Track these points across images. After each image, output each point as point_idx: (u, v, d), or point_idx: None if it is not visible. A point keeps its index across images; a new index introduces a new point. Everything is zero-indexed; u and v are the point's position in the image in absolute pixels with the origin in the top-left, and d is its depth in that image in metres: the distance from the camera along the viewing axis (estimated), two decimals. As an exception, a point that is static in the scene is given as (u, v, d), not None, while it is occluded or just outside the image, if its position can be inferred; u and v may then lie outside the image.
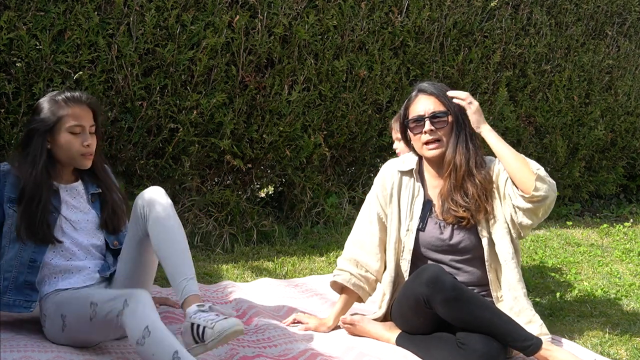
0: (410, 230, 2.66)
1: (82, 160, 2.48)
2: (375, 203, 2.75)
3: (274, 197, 4.67)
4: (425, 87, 2.66)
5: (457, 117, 2.61)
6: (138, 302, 2.15)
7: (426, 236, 2.64)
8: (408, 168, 2.71)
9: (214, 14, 3.84)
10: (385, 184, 2.73)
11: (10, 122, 3.37)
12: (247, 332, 2.63)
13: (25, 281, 2.41)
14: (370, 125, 4.58)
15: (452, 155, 2.59)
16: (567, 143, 5.48)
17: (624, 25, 5.72)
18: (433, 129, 2.58)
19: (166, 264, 2.36)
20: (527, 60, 5.17)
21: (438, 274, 2.40)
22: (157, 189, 2.47)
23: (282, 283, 3.36)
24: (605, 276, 3.77)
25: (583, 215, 5.57)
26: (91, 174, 2.57)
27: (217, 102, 3.89)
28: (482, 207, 2.57)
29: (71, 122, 2.43)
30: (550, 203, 2.52)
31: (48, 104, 2.45)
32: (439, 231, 2.63)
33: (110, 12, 3.56)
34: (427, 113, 2.60)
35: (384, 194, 2.73)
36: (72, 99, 2.45)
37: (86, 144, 2.45)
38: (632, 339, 2.84)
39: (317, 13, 4.22)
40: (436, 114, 2.59)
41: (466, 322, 2.38)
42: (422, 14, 4.59)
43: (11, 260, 2.41)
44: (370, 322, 2.69)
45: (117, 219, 2.58)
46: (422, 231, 2.64)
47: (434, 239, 2.63)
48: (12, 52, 3.33)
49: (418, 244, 2.65)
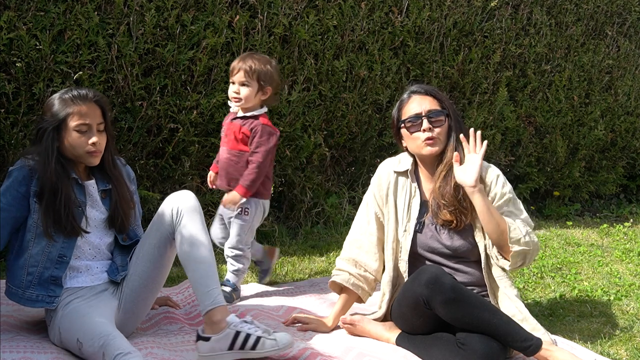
0: (408, 231, 2.66)
1: (89, 157, 2.48)
2: (373, 203, 2.75)
3: (274, 197, 4.67)
4: (418, 88, 2.69)
5: (452, 118, 2.64)
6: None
7: (423, 238, 2.65)
8: (404, 169, 2.71)
9: (214, 14, 3.84)
10: (381, 184, 2.74)
11: (10, 122, 3.37)
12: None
13: (51, 276, 2.41)
14: (370, 125, 4.58)
15: (449, 154, 2.61)
16: (567, 143, 5.48)
17: (624, 25, 5.72)
18: (431, 127, 2.59)
19: (193, 269, 2.40)
20: (527, 60, 5.17)
21: (438, 275, 2.40)
22: (189, 193, 2.51)
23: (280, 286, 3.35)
24: (605, 276, 3.77)
25: (583, 215, 5.57)
26: (101, 171, 2.57)
27: (217, 102, 3.88)
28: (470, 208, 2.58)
29: (77, 121, 2.43)
30: (529, 262, 2.59)
31: (56, 102, 2.46)
32: (436, 233, 2.64)
33: (110, 12, 3.55)
34: (424, 111, 2.61)
35: (380, 194, 2.73)
36: (78, 97, 2.46)
37: (92, 142, 2.45)
38: (632, 339, 2.84)
39: (317, 13, 4.22)
40: (433, 112, 2.61)
41: (466, 323, 2.38)
42: (422, 14, 4.59)
43: (37, 255, 2.40)
44: (370, 322, 2.69)
45: (125, 215, 2.58)
46: (419, 233, 2.65)
47: (431, 241, 2.64)
48: (12, 52, 3.33)
49: (415, 245, 2.66)
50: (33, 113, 3.41)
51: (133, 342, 2.47)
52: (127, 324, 2.51)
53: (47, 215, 2.39)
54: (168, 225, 2.46)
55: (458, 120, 2.66)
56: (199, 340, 2.36)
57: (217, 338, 2.31)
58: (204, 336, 2.34)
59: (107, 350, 2.16)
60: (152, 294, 2.58)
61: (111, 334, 2.22)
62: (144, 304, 2.56)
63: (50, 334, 2.45)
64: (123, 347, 2.17)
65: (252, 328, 2.32)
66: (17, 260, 2.41)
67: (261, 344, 2.28)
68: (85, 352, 2.27)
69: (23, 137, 3.39)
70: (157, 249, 2.49)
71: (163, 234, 2.48)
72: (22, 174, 2.41)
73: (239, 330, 2.30)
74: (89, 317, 2.33)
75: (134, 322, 2.56)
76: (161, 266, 2.53)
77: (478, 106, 4.94)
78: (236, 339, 2.29)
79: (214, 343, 2.31)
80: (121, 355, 2.13)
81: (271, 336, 2.30)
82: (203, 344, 2.34)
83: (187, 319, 2.83)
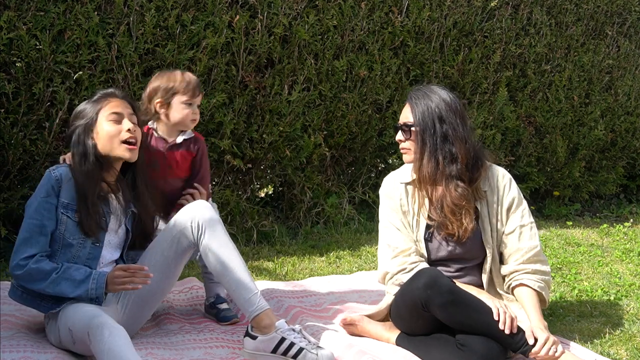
0: (419, 240, 2.65)
1: (126, 151, 2.44)
2: (392, 213, 2.67)
3: (273, 197, 4.67)
4: (409, 95, 2.70)
5: (425, 130, 2.59)
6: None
7: (434, 247, 2.65)
8: (409, 179, 2.69)
9: (214, 14, 3.84)
10: (392, 195, 2.69)
11: (10, 122, 3.37)
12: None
13: None
14: (370, 125, 4.58)
15: (418, 165, 2.61)
16: (567, 143, 5.47)
17: (624, 25, 5.72)
18: (402, 139, 2.68)
19: (228, 281, 2.45)
20: (527, 60, 5.17)
21: (435, 278, 2.39)
22: (205, 204, 2.53)
23: (280, 284, 3.35)
24: (605, 276, 3.77)
25: (583, 215, 5.57)
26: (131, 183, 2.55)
27: (217, 102, 3.89)
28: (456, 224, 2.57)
29: (108, 111, 2.44)
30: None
31: (86, 105, 2.48)
32: (445, 243, 2.64)
33: (110, 12, 3.55)
34: (401, 122, 2.69)
35: (394, 204, 2.68)
36: (107, 94, 2.50)
37: (127, 128, 2.44)
38: (632, 339, 2.84)
39: (317, 13, 4.22)
40: (405, 124, 2.66)
41: (464, 325, 2.38)
42: (422, 14, 4.59)
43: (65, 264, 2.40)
44: (370, 322, 2.69)
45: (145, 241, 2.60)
46: (429, 242, 2.64)
47: (442, 250, 2.64)
48: (12, 52, 3.33)
49: (429, 253, 2.65)
50: (33, 113, 3.41)
51: (133, 342, 2.47)
52: (130, 327, 2.51)
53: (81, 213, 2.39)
54: (187, 239, 2.48)
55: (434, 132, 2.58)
56: (246, 337, 2.44)
57: (263, 339, 2.39)
58: (252, 334, 2.42)
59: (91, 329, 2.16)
60: (158, 301, 2.61)
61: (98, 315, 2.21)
62: (149, 309, 2.58)
63: (49, 336, 2.44)
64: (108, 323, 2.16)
65: (297, 337, 2.39)
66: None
67: (302, 356, 2.35)
68: (77, 340, 2.28)
69: (23, 137, 3.39)
70: (174, 260, 2.51)
71: (180, 247, 2.49)
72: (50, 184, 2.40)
73: (285, 337, 2.38)
74: (81, 307, 2.33)
75: (137, 326, 2.58)
76: (173, 276, 2.57)
77: (478, 106, 4.94)
78: (280, 344, 2.37)
79: (259, 343, 2.39)
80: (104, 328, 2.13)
81: (314, 350, 2.36)
82: (249, 341, 2.42)
83: (187, 319, 2.83)
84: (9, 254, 3.46)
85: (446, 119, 2.59)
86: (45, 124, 3.43)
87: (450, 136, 2.57)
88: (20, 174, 3.48)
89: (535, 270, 2.58)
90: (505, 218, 2.64)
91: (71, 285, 2.33)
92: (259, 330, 2.41)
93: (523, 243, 2.61)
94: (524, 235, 2.62)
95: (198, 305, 3.01)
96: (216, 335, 2.64)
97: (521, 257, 2.59)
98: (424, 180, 2.60)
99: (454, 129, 2.58)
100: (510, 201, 2.64)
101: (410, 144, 2.65)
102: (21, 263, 2.33)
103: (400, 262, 2.59)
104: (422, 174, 2.60)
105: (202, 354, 2.47)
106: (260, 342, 2.39)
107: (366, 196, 4.68)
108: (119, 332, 2.14)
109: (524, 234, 2.62)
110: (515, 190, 2.67)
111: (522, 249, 2.60)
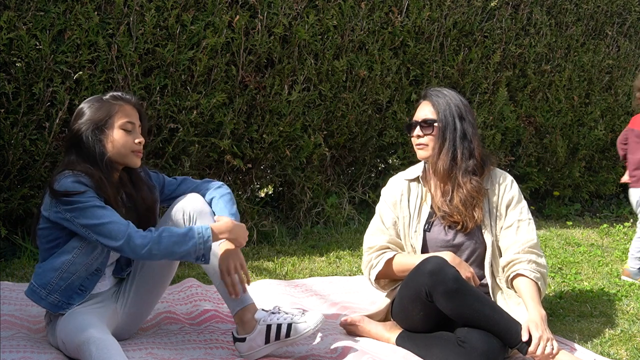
0: (418, 232, 2.73)
1: (134, 157, 2.45)
2: (387, 211, 2.80)
3: (273, 197, 4.67)
4: (428, 93, 2.78)
5: (447, 127, 2.69)
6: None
7: (432, 237, 2.71)
8: (414, 175, 2.82)
9: (214, 14, 3.84)
10: (393, 192, 2.81)
11: (10, 122, 3.37)
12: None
13: (81, 286, 2.38)
14: (370, 125, 4.58)
15: (435, 160, 2.70)
16: (567, 143, 5.48)
17: (624, 25, 5.72)
18: (421, 135, 2.72)
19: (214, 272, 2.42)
20: (527, 60, 5.17)
21: (441, 266, 2.43)
22: (197, 196, 2.51)
23: (281, 283, 3.35)
24: (605, 276, 3.77)
25: (583, 215, 5.57)
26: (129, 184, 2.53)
27: (217, 102, 3.89)
28: (468, 215, 2.66)
29: (124, 119, 2.41)
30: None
31: (94, 104, 2.41)
32: (444, 233, 2.70)
33: (110, 12, 3.55)
34: (419, 119, 2.74)
35: (393, 201, 2.79)
36: (120, 98, 2.45)
37: (138, 142, 2.43)
38: (632, 339, 2.84)
39: (317, 13, 4.22)
40: (426, 120, 2.72)
41: (466, 316, 2.39)
42: (422, 14, 4.59)
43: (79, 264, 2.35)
44: (371, 323, 2.70)
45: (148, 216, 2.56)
46: (428, 232, 2.71)
47: (439, 241, 2.70)
48: (12, 52, 3.33)
49: (426, 244, 2.71)
50: (33, 113, 3.41)
51: (133, 342, 2.48)
52: (130, 327, 2.51)
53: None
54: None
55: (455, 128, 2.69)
56: (236, 343, 2.42)
57: (252, 337, 2.38)
58: (239, 337, 2.40)
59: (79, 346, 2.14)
60: (157, 297, 2.59)
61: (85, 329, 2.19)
62: (148, 307, 2.57)
63: (49, 337, 2.44)
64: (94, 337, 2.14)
65: (280, 317, 2.37)
66: (54, 261, 2.35)
67: (294, 330, 2.34)
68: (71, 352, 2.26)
69: (23, 137, 3.39)
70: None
71: None
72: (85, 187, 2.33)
73: (270, 324, 2.36)
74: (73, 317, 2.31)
75: (136, 325, 2.56)
76: (170, 270, 2.54)
77: (478, 106, 4.94)
78: (269, 332, 2.36)
79: (250, 342, 2.38)
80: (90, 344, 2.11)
81: (301, 319, 2.35)
82: (240, 344, 2.40)
83: (188, 319, 2.83)
84: (9, 254, 3.49)
85: (465, 118, 2.71)
86: (45, 124, 3.43)
87: (469, 134, 2.70)
88: (20, 174, 3.48)
89: (530, 260, 2.62)
90: (504, 214, 2.72)
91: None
92: (243, 328, 2.39)
93: (520, 236, 2.68)
94: (521, 229, 2.69)
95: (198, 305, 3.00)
96: (216, 336, 2.64)
97: (518, 248, 2.65)
98: (438, 173, 2.70)
99: (472, 127, 2.72)
100: (510, 199, 2.73)
101: (429, 139, 2.71)
102: (138, 242, 2.26)
103: (368, 260, 2.75)
104: (437, 168, 2.69)
105: (202, 354, 2.47)
106: (250, 341, 2.38)
107: (366, 196, 4.68)
108: (105, 344, 2.12)
109: (521, 227, 2.69)
110: (516, 190, 2.76)
111: (519, 241, 2.67)
